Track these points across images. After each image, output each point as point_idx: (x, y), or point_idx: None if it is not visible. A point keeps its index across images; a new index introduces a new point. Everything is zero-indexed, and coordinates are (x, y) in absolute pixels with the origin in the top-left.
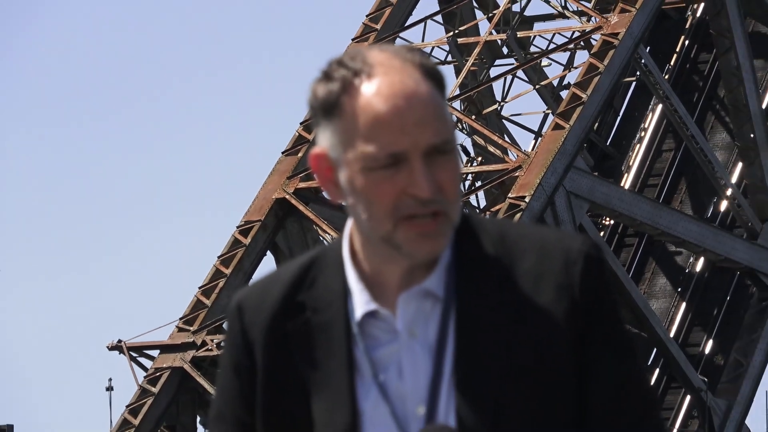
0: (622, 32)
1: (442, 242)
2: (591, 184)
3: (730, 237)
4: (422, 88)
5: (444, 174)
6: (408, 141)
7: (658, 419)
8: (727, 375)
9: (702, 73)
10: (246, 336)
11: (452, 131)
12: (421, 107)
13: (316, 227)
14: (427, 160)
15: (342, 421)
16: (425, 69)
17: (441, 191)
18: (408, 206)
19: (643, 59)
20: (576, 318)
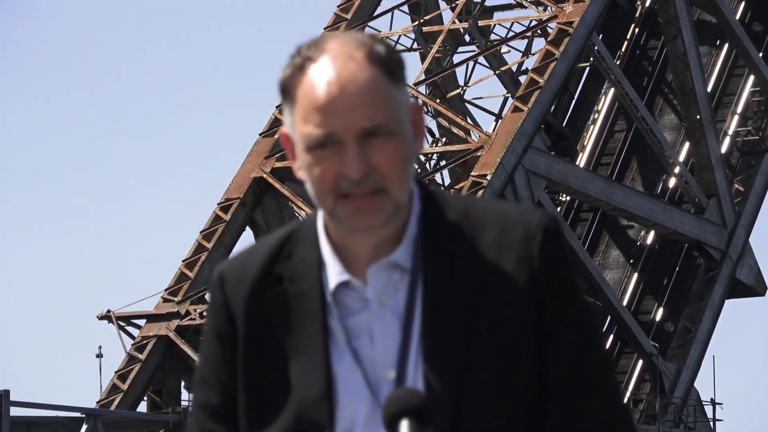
0: (576, 21)
1: (379, 217)
2: (548, 162)
3: (678, 212)
4: (362, 75)
5: (379, 155)
6: (339, 123)
7: (614, 382)
8: (677, 341)
9: (651, 59)
10: (228, 306)
11: (393, 115)
12: (354, 93)
13: (291, 204)
14: (361, 143)
15: (317, 385)
16: (375, 56)
17: (377, 171)
18: (344, 185)
19: (596, 46)
20: (535, 287)
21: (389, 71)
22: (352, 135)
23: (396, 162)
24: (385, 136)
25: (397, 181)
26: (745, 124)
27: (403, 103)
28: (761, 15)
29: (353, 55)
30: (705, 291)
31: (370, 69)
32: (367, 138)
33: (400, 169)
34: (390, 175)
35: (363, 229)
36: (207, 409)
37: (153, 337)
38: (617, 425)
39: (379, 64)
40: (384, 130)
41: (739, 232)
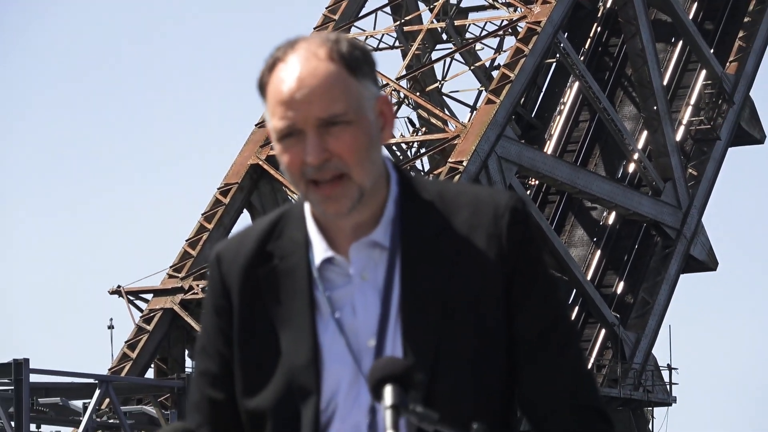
0: (543, 20)
1: (345, 204)
2: (519, 150)
3: (637, 194)
4: (320, 70)
5: (338, 143)
6: (297, 115)
7: (578, 349)
8: (636, 312)
9: (612, 55)
10: (224, 282)
11: (352, 107)
12: (311, 86)
13: (285, 188)
14: (321, 131)
15: (305, 353)
16: (336, 53)
17: (337, 157)
18: (308, 172)
19: (561, 43)
20: (504, 262)
21: (350, 67)
22: (310, 125)
23: (354, 148)
24: (343, 125)
25: (358, 166)
26: (697, 115)
27: (366, 95)
28: (712, 15)
29: (316, 53)
30: (662, 266)
31: (330, 65)
32: (326, 127)
33: (360, 155)
34: (349, 160)
35: (332, 215)
36: (207, 377)
37: (159, 310)
38: (582, 389)
39: (339, 60)
40: (341, 119)
41: (693, 212)
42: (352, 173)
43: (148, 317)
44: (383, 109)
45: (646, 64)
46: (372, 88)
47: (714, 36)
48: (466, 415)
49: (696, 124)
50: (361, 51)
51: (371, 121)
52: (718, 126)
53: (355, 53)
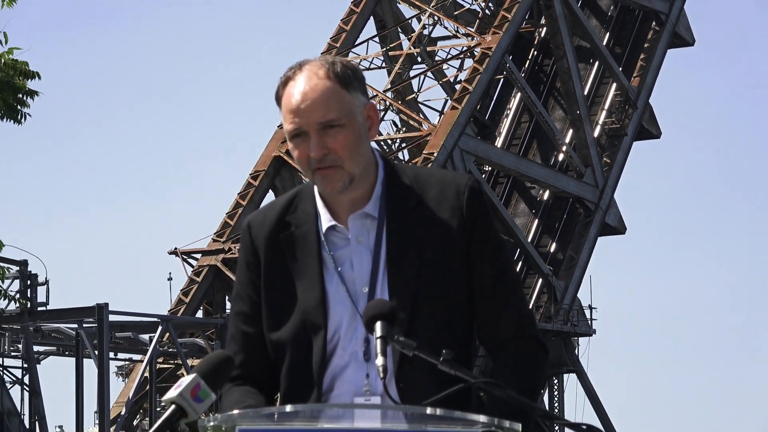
0: (494, 47)
1: (337, 184)
2: (476, 144)
3: (565, 177)
4: (320, 86)
5: (334, 141)
6: (303, 121)
7: (521, 293)
8: (565, 265)
9: (546, 72)
10: (254, 244)
11: (343, 114)
12: (312, 99)
13: (300, 174)
14: (321, 133)
15: (315, 297)
16: (332, 73)
17: (333, 152)
18: (312, 163)
19: (508, 64)
20: (464, 228)
21: (342, 83)
22: (313, 128)
23: (346, 145)
24: (338, 128)
25: (349, 159)
26: (610, 117)
27: (356, 104)
28: (620, 41)
29: (317, 73)
30: (584, 231)
31: (327, 81)
32: (325, 129)
33: (351, 150)
34: (343, 155)
35: (329, 193)
36: (241, 316)
37: (206, 266)
38: (525, 323)
39: (334, 77)
40: (336, 123)
41: (607, 190)
42: (344, 164)
43: (198, 272)
44: (370, 113)
45: (571, 79)
46: (361, 97)
47: (622, 57)
48: (438, 345)
49: (609, 124)
50: (351, 70)
51: (360, 123)
52: (625, 125)
53: (347, 72)
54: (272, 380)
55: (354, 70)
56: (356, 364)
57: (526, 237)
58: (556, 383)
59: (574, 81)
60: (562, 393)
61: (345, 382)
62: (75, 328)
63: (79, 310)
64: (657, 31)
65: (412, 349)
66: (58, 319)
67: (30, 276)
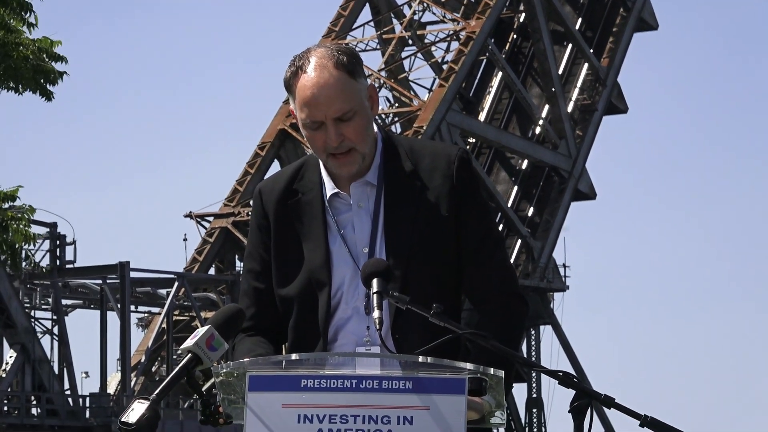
0: (477, 30)
1: (353, 167)
2: (461, 118)
3: (541, 148)
4: (332, 79)
5: (349, 130)
6: (321, 113)
7: (504, 252)
8: (542, 228)
9: (524, 54)
10: (264, 208)
11: (356, 103)
12: (328, 93)
13: (303, 145)
14: (337, 123)
15: (320, 257)
16: (339, 64)
17: (348, 139)
18: (329, 149)
19: (490, 46)
20: (454, 194)
21: (349, 72)
22: (330, 119)
23: (359, 131)
24: (351, 116)
25: (361, 142)
26: (582, 94)
27: (361, 89)
28: (592, 26)
29: (326, 65)
30: (558, 197)
31: (337, 73)
32: (340, 119)
33: (363, 135)
34: (356, 140)
35: (344, 174)
36: (252, 273)
37: (218, 228)
38: (507, 279)
39: (342, 68)
40: (349, 114)
41: (579, 160)
42: (358, 147)
43: (210, 233)
44: (372, 94)
45: (547, 60)
46: (363, 81)
47: (593, 40)
48: (429, 299)
49: (581, 101)
50: (353, 57)
51: (367, 107)
52: (596, 102)
53: (352, 60)
54: (280, 332)
55: (355, 56)
56: (358, 317)
57: (506, 202)
58: (533, 334)
59: (549, 61)
60: (539, 343)
61: (348, 333)
62: (99, 283)
63: (103, 267)
64: (624, 16)
65: (405, 303)
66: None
67: (59, 237)
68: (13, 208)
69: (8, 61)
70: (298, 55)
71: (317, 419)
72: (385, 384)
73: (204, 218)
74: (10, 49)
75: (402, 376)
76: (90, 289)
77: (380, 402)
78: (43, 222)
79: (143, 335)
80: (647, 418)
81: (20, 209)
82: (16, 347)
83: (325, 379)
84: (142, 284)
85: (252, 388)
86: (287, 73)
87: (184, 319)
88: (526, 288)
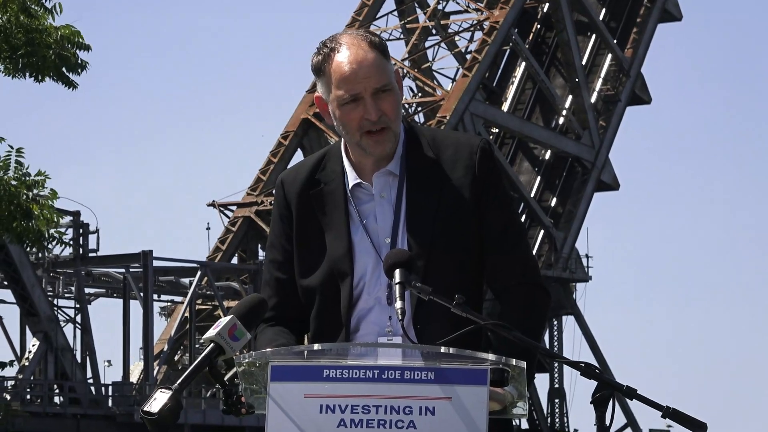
0: (501, 20)
1: (388, 145)
2: (484, 108)
3: (564, 138)
4: (369, 55)
5: (385, 104)
6: (361, 87)
7: (526, 242)
8: (564, 218)
9: (548, 44)
10: (286, 198)
11: (390, 79)
12: (367, 67)
13: (326, 134)
14: (374, 97)
15: (342, 247)
16: (372, 44)
17: (385, 114)
18: (366, 125)
19: (513, 36)
20: (476, 185)
21: (382, 52)
22: (369, 93)
23: (394, 107)
24: (387, 92)
25: (395, 120)
26: (605, 84)
27: (391, 71)
28: (615, 16)
29: (360, 44)
30: (582, 187)
31: (372, 52)
32: (377, 94)
33: (396, 112)
34: (391, 116)
35: (378, 154)
36: (274, 263)
37: (241, 217)
38: (529, 269)
39: (375, 48)
40: (386, 88)
41: (603, 151)
42: (392, 125)
43: (233, 222)
44: (398, 79)
45: (571, 50)
46: (391, 66)
47: (617, 31)
48: (451, 290)
49: (604, 91)
50: (384, 42)
51: (397, 89)
52: (619, 92)
53: (382, 43)
54: (302, 322)
55: (383, 42)
56: (380, 307)
57: (529, 192)
58: (555, 325)
59: (573, 52)
60: (561, 334)
61: (370, 323)
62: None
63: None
64: (648, 7)
65: (427, 294)
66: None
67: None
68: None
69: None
70: (326, 41)
71: (339, 409)
72: (407, 374)
73: (227, 207)
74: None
75: (424, 367)
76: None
77: (402, 392)
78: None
79: (166, 324)
80: (669, 409)
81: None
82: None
83: (347, 369)
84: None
85: (274, 378)
86: (316, 58)
87: (207, 308)
88: (548, 278)
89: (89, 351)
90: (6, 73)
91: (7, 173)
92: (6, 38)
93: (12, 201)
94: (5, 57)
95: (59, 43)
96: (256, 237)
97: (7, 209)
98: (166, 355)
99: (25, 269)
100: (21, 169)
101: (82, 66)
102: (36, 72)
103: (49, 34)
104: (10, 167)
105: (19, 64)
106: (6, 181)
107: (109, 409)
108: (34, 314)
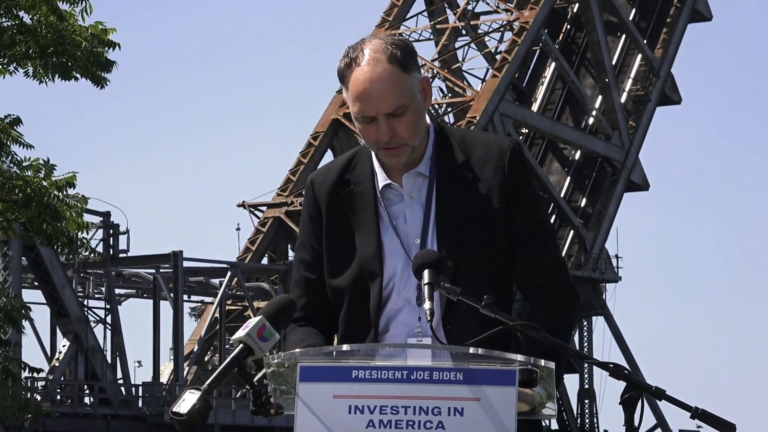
0: (531, 21)
1: (404, 158)
2: (514, 109)
3: (594, 139)
4: (385, 74)
5: (400, 125)
6: (374, 109)
7: (555, 243)
8: (594, 218)
9: (577, 44)
10: (316, 199)
11: (407, 98)
12: (381, 88)
13: (356, 135)
14: (387, 118)
15: (372, 248)
16: (393, 58)
17: (398, 135)
18: (381, 143)
19: (543, 36)
20: (506, 185)
21: (402, 66)
22: (382, 115)
23: (410, 127)
24: (403, 112)
25: (411, 136)
26: (635, 85)
27: (414, 82)
28: (645, 17)
29: (380, 59)
30: (611, 187)
31: (390, 68)
32: (391, 115)
33: (414, 130)
34: (406, 135)
35: (393, 165)
36: (304, 264)
37: (271, 218)
38: (558, 270)
39: (395, 62)
40: (401, 109)
41: (632, 151)
42: (408, 142)
43: (263, 222)
44: (425, 86)
45: (600, 51)
46: (416, 74)
47: (646, 31)
48: (480, 290)
49: (634, 91)
50: (407, 50)
51: (419, 100)
52: (649, 92)
53: (405, 54)
54: (331, 322)
55: (409, 50)
56: (409, 308)
57: (559, 193)
58: (585, 325)
59: (603, 52)
60: (591, 334)
61: (399, 324)
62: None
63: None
64: (678, 7)
65: (456, 295)
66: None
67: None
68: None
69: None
70: (352, 46)
71: (368, 410)
72: (436, 375)
73: (257, 208)
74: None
75: (453, 368)
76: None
77: (431, 393)
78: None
79: (196, 325)
80: (698, 410)
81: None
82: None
83: (376, 370)
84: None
85: (303, 379)
86: (341, 63)
87: (237, 309)
88: (578, 279)
89: (119, 351)
90: (35, 77)
91: (38, 174)
92: (36, 38)
93: (41, 202)
94: (35, 57)
95: (90, 41)
96: (286, 237)
97: (36, 210)
98: (195, 356)
99: (56, 270)
100: (48, 167)
101: (110, 63)
102: (65, 71)
103: (79, 33)
104: (40, 170)
105: (48, 64)
106: (36, 182)
107: (139, 409)
108: (64, 315)
